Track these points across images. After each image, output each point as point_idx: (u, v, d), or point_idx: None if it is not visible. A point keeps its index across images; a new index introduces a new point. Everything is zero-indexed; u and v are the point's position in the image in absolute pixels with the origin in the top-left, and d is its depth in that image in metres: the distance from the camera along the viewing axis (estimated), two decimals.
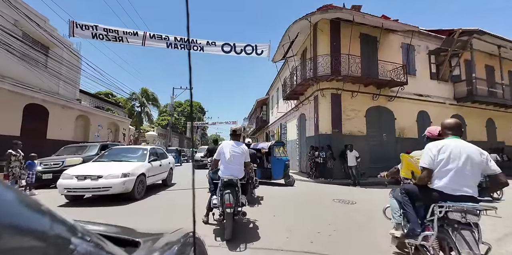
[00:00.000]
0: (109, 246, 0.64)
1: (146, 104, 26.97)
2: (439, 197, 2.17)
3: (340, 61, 9.82)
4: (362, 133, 10.82)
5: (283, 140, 17.07)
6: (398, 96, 11.50)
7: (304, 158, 12.69)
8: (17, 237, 0.39)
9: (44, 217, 0.48)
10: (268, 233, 3.56)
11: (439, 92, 13.20)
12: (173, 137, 34.00)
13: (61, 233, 0.50)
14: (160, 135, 29.55)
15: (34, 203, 0.49)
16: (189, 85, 0.68)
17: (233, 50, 8.70)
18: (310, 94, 11.40)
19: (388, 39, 11.90)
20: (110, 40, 7.54)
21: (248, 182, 4.07)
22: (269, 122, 24.44)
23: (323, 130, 10.35)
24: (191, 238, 1.11)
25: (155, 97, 28.15)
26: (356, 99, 10.82)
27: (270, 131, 23.22)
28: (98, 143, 9.47)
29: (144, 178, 6.13)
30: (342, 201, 5.84)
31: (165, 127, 32.50)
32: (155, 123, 33.13)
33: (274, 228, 3.80)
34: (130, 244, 0.95)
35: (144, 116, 27.27)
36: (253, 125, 33.93)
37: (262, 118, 26.75)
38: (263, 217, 4.37)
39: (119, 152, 7.06)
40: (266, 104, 26.91)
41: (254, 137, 36.16)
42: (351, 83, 10.60)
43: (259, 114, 27.95)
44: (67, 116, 12.97)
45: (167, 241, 1.04)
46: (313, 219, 4.30)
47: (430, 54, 13.32)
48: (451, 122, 2.42)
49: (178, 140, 37.06)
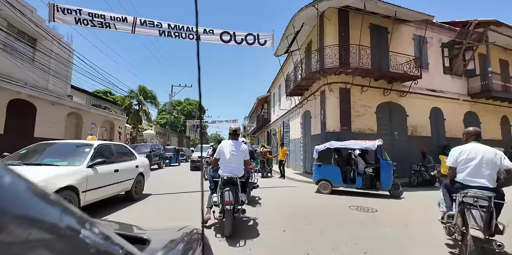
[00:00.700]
0: (118, 239, 0.63)
1: (144, 102, 26.25)
2: (461, 187, 2.89)
3: (350, 52, 9.02)
4: (373, 131, 10.04)
5: (285, 139, 16.30)
6: (410, 91, 10.70)
7: (309, 158, 11.90)
8: (29, 228, 0.39)
9: (55, 208, 0.48)
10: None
11: (452, 87, 12.40)
12: (172, 136, 33.26)
13: (71, 225, 0.50)
14: (158, 134, 28.80)
15: (45, 193, 0.48)
16: (198, 72, 0.68)
17: (233, 39, 7.91)
18: (316, 89, 10.61)
19: (399, 31, 11.09)
20: (96, 26, 6.75)
21: (248, 181, 4.14)
22: (270, 121, 23.66)
23: (330, 127, 9.57)
24: (196, 235, 1.14)
25: (153, 95, 27.38)
26: (366, 94, 10.03)
27: (272, 130, 22.45)
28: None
29: (73, 194, 3.84)
30: (360, 208, 5.07)
31: (164, 126, 31.77)
32: (153, 122, 32.39)
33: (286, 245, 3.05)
34: (138, 241, 0.92)
35: (142, 114, 26.56)
36: (253, 124, 33.18)
37: (263, 117, 25.98)
38: (272, 228, 3.62)
39: (43, 150, 4.72)
40: (267, 102, 26.13)
41: (255, 136, 35.42)
42: (361, 77, 9.82)
43: (260, 112, 27.17)
44: (57, 113, 12.20)
45: (174, 238, 1.05)
46: (333, 235, 3.52)
47: (443, 47, 12.51)
48: (471, 131, 3.15)
49: (177, 139, 36.31)
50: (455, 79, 12.63)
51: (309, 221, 4.10)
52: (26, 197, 0.43)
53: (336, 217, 4.43)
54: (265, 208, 5.04)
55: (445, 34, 12.59)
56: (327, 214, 4.61)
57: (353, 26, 9.92)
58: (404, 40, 11.18)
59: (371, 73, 9.49)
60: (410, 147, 10.56)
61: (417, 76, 10.01)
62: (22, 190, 0.43)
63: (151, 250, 0.87)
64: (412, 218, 4.37)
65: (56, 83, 12.35)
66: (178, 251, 0.95)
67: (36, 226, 0.41)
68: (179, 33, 7.37)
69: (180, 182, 9.07)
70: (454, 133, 12.04)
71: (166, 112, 32.24)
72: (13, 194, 0.40)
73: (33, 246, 0.39)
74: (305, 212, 4.70)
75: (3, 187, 0.39)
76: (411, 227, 3.86)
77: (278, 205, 5.38)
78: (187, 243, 1.04)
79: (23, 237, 0.37)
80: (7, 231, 0.35)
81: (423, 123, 11.28)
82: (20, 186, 0.43)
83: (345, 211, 4.85)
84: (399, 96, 10.77)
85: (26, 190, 0.44)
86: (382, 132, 10.20)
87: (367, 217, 4.41)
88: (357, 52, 8.95)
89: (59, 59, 12.31)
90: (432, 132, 11.44)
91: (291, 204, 5.54)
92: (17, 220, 0.38)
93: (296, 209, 5.01)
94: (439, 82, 11.97)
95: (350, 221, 4.15)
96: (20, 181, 0.43)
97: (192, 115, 43.62)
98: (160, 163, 15.14)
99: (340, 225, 3.93)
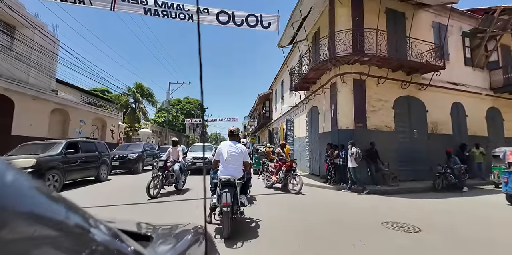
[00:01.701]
0: (125, 237, 0.64)
1: (140, 99, 25.14)
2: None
3: (366, 37, 7.87)
4: (390, 129, 8.90)
5: (289, 138, 15.18)
6: (430, 84, 9.55)
7: (316, 158, 10.79)
8: (34, 225, 0.39)
9: (59, 205, 0.48)
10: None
11: (474, 80, 11.25)
12: (170, 135, 32.14)
13: (77, 222, 0.50)
14: (155, 132, 27.67)
15: (48, 191, 0.48)
16: (199, 59, 0.69)
17: (231, 20, 6.78)
18: (326, 82, 9.47)
19: (418, 17, 9.93)
20: (68, 2, 5.63)
21: (248, 182, 4.09)
22: (272, 119, 22.54)
23: (343, 124, 8.43)
24: (200, 232, 1.14)
25: (150, 92, 26.28)
26: (382, 86, 8.88)
27: (274, 128, 21.33)
28: (64, 141, 7.59)
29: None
30: (398, 225, 3.89)
31: (162, 125, 30.66)
32: (151, 120, 31.26)
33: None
34: (142, 238, 0.93)
35: (138, 112, 25.47)
36: (254, 123, 32.06)
37: (265, 115, 24.87)
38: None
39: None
40: (269, 99, 25.00)
41: (256, 136, 34.30)
42: (377, 67, 8.67)
43: (262, 110, 26.05)
44: (39, 109, 11.10)
45: (178, 235, 1.05)
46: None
47: (463, 36, 11.35)
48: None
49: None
50: (476, 72, 11.48)
51: (331, 243, 2.99)
52: (29, 194, 0.43)
53: (369, 241, 3.31)
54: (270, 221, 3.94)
55: (465, 22, 11.44)
56: (353, 233, 3.50)
57: (367, 10, 8.76)
58: (423, 27, 10.01)
59: (390, 63, 8.34)
60: (430, 147, 9.44)
61: (440, 67, 8.86)
62: (26, 188, 0.43)
63: (154, 247, 0.86)
64: (476, 238, 3.26)
65: (38, 76, 11.24)
66: (182, 248, 0.94)
67: (41, 224, 0.41)
68: (167, 12, 6.24)
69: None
70: (475, 130, 10.92)
71: (165, 111, 31.15)
72: (17, 191, 0.40)
73: (39, 244, 0.39)
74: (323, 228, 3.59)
75: (7, 185, 0.39)
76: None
77: (292, 224, 4.26)
78: (190, 240, 1.03)
79: (28, 234, 0.37)
80: (12, 228, 0.35)
81: (444, 120, 10.14)
82: (24, 183, 0.43)
83: (377, 229, 3.73)
84: (418, 89, 9.63)
85: (30, 188, 0.44)
86: (400, 130, 9.08)
87: (410, 241, 3.29)
88: (374, 37, 7.79)
89: (42, 50, 11.21)
90: (453, 129, 10.30)
91: (303, 216, 4.42)
92: (21, 217, 0.38)
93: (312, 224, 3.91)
94: (460, 75, 10.82)
95: (389, 250, 3.03)
96: (23, 179, 0.43)
97: (191, 114, 42.50)
98: (154, 164, 13.99)
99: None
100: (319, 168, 10.11)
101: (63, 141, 7.50)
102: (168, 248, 0.88)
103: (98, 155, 8.67)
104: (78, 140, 8.16)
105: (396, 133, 8.99)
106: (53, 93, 12.10)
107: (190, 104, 43.90)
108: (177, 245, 0.93)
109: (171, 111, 35.19)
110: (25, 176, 0.44)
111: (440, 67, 8.87)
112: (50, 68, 12.02)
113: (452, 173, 8.22)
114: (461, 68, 11.01)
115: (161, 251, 0.85)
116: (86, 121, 14.42)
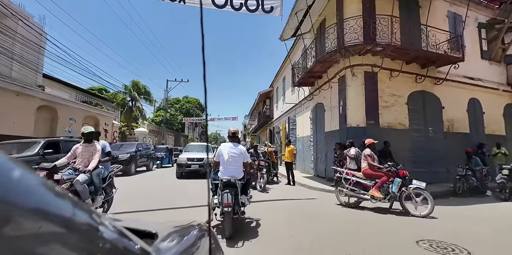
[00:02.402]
0: (131, 235, 0.64)
1: (137, 98, 24.34)
2: None
3: (380, 24, 7.07)
4: (404, 127, 8.12)
5: (291, 137, 14.40)
6: (447, 78, 8.77)
7: (321, 159, 10.02)
8: (40, 222, 0.39)
9: (66, 202, 0.48)
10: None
11: (490, 75, 10.47)
12: (168, 135, 31.36)
13: (85, 220, 0.49)
14: (152, 132, 26.89)
15: (53, 186, 0.47)
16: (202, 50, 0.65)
17: (229, 4, 5.99)
18: (334, 75, 8.68)
19: (432, 6, 9.09)
20: None
21: (248, 183, 4.03)
22: (273, 118, 21.75)
23: (353, 121, 7.65)
24: (204, 229, 1.12)
25: (147, 90, 25.46)
26: (395, 80, 8.10)
27: (275, 127, 20.54)
28: (42, 140, 6.81)
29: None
30: (438, 246, 3.05)
31: (160, 124, 29.87)
32: (148, 120, 30.46)
33: None
34: (147, 236, 0.93)
35: (136, 111, 24.68)
36: (254, 122, 31.27)
37: (265, 113, 24.07)
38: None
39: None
40: (269, 97, 24.21)
41: (256, 135, 33.50)
42: (390, 58, 7.89)
43: (262, 109, 25.26)
44: (23, 105, 10.31)
45: (183, 233, 1.05)
46: None
47: (479, 28, 10.57)
48: None
49: (173, 138, 34.38)
50: (493, 66, 10.70)
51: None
52: (38, 191, 0.42)
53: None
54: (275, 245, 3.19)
55: (481, 12, 10.66)
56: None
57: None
58: (437, 17, 9.21)
59: (405, 53, 7.56)
60: (446, 146, 8.66)
61: (459, 58, 8.09)
62: (34, 184, 0.42)
63: (159, 244, 0.85)
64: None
65: (22, 71, 10.44)
66: (186, 245, 0.94)
67: (49, 220, 0.41)
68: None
69: (163, 191, 7.19)
70: (492, 129, 10.15)
71: (163, 110, 30.35)
72: (25, 187, 0.40)
73: (46, 240, 0.39)
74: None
75: (15, 181, 0.39)
76: None
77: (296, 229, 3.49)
78: (194, 237, 1.03)
79: (36, 230, 0.37)
80: (20, 224, 0.35)
81: (461, 117, 9.36)
82: (32, 180, 0.43)
83: (414, 251, 2.95)
84: (433, 84, 8.85)
85: (38, 184, 0.43)
86: (415, 128, 8.30)
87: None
88: (388, 24, 7.00)
89: (27, 42, 10.42)
90: (470, 127, 9.52)
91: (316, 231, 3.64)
92: (30, 213, 0.37)
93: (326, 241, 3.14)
94: (476, 69, 10.04)
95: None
96: (32, 175, 0.43)
97: (191, 113, 41.67)
98: (148, 165, 13.23)
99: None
100: (325, 170, 9.33)
101: (42, 140, 6.72)
102: (173, 246, 0.88)
103: None
104: (60, 139, 7.37)
105: (410, 132, 8.21)
106: (39, 89, 11.31)
107: (189, 103, 43.06)
108: (181, 243, 0.93)
109: (169, 110, 34.39)
110: (33, 173, 0.43)
111: (459, 59, 8.10)
112: (36, 63, 11.23)
113: (474, 175, 7.46)
114: (477, 61, 10.23)
115: (166, 248, 0.84)
116: (77, 120, 13.63)
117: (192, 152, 10.78)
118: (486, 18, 10.61)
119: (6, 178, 0.37)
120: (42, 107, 11.43)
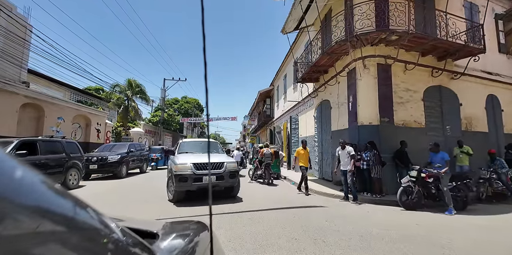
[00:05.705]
0: (133, 235, 0.63)
1: (132, 97, 23.54)
2: None
3: (396, 9, 6.31)
4: (420, 125, 7.37)
5: (293, 137, 13.64)
6: (465, 72, 8.03)
7: (327, 160, 9.27)
8: (41, 221, 0.38)
9: (67, 201, 0.46)
10: None
11: (509, 69, 9.74)
12: (166, 135, 30.56)
13: (87, 220, 0.49)
14: (149, 132, 26.09)
15: (53, 184, 0.46)
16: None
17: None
18: (342, 69, 7.92)
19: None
20: None
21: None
22: (273, 117, 21.00)
23: (365, 119, 6.88)
24: (204, 228, 1.13)
25: (142, 89, 24.64)
26: (410, 74, 7.36)
27: (276, 127, 19.77)
28: (15, 139, 6.03)
29: None
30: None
31: (157, 124, 29.04)
32: (145, 120, 29.63)
33: None
34: (148, 235, 0.89)
35: (131, 110, 23.86)
36: (254, 122, 30.49)
37: (266, 113, 23.30)
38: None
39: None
40: (270, 96, 23.46)
41: (256, 135, 32.70)
42: (405, 50, 7.15)
43: (262, 109, 24.49)
44: (4, 103, 9.51)
45: (184, 232, 1.05)
46: None
47: (497, 19, 9.85)
48: None
49: (171, 139, 33.56)
50: (511, 60, 9.98)
51: None
52: (39, 190, 0.42)
53: None
54: None
55: (498, 2, 9.95)
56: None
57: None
58: (453, 7, 8.46)
59: (422, 43, 6.80)
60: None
61: (480, 50, 7.36)
62: (36, 183, 0.42)
63: (161, 244, 0.85)
64: None
65: (2, 66, 9.65)
66: (187, 244, 0.93)
67: (50, 219, 0.40)
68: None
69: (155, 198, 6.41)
70: (511, 127, 9.42)
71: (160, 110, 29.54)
72: (27, 186, 0.39)
73: (46, 239, 0.38)
74: None
75: (16, 179, 0.38)
76: None
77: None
78: (196, 236, 1.03)
79: (37, 229, 0.36)
80: (21, 223, 0.35)
81: (479, 115, 8.63)
82: (33, 178, 0.42)
83: None
84: (450, 78, 8.11)
85: (39, 183, 0.43)
86: (432, 126, 7.55)
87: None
88: (406, 10, 6.24)
89: (8, 35, 9.65)
90: (489, 126, 8.78)
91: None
92: (31, 212, 0.37)
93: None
94: (494, 63, 9.31)
95: None
96: (33, 174, 0.42)
97: (189, 113, 40.84)
98: (142, 167, 12.44)
99: None
100: (331, 173, 8.57)
101: (14, 140, 5.93)
102: (174, 245, 0.87)
103: (65, 157, 7.10)
104: (37, 139, 6.59)
105: (426, 130, 7.46)
106: (23, 86, 10.50)
107: (188, 103, 42.26)
108: (183, 242, 0.93)
109: (167, 110, 33.58)
110: (34, 171, 0.43)
111: (481, 50, 7.37)
112: (20, 57, 10.43)
113: (499, 178, 6.72)
114: (495, 55, 9.49)
115: (167, 248, 0.83)
116: (67, 119, 12.82)
117: (193, 152, 6.98)
118: (503, 9, 9.90)
119: (2, 175, 0.36)
120: (27, 105, 10.62)
